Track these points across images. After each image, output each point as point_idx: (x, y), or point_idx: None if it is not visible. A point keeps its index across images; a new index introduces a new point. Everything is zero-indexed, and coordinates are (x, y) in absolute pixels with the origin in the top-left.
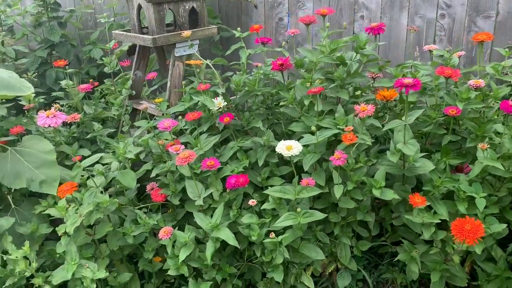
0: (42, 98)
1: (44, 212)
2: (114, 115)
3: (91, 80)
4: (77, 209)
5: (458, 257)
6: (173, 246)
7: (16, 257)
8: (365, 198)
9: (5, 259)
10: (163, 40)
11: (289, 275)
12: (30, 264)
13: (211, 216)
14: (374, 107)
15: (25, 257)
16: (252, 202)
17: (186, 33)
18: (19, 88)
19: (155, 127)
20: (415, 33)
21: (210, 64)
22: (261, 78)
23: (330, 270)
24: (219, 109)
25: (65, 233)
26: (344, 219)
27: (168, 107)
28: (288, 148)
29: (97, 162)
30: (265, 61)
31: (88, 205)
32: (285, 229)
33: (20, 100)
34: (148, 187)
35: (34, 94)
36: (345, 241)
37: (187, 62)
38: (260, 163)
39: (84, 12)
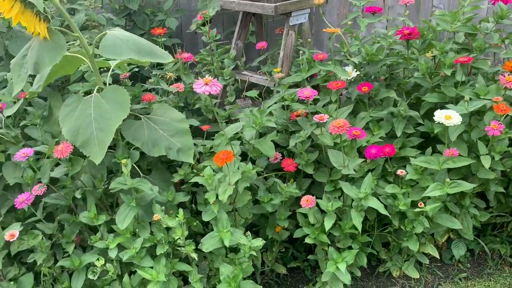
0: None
1: (191, 180)
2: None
3: (179, 49)
4: (221, 177)
5: None
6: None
7: (172, 225)
8: (508, 169)
9: (164, 226)
10: (283, 8)
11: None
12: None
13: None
14: None
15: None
16: (400, 172)
17: (319, 0)
18: (161, 56)
19: (283, 98)
20: None
21: (341, 33)
22: (382, 48)
23: (443, 240)
24: (350, 78)
25: (216, 200)
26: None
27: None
28: (447, 117)
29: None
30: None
31: (236, 174)
32: (423, 199)
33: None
34: (272, 158)
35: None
36: (473, 211)
37: (326, 30)
38: (399, 133)
39: None
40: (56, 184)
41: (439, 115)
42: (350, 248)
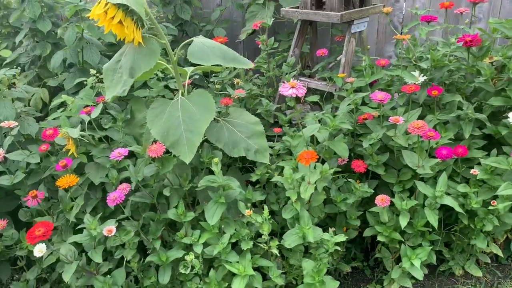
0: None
1: (272, 180)
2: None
3: None
4: (300, 177)
5: None
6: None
7: (259, 221)
8: None
9: (253, 222)
10: (347, 17)
11: None
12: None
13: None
14: None
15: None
16: (474, 171)
17: (387, 8)
18: (243, 62)
19: (353, 102)
20: None
21: (408, 41)
22: (445, 54)
23: (502, 240)
24: (418, 83)
25: (298, 198)
26: None
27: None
28: None
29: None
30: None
31: (314, 173)
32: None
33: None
34: (340, 159)
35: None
36: None
37: (396, 37)
38: (467, 135)
39: None
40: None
41: None
42: (420, 245)
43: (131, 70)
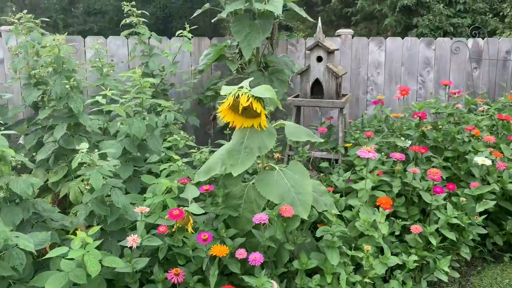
0: None
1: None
2: None
3: None
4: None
5: None
6: None
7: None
8: None
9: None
10: (342, 103)
11: None
12: None
13: None
14: None
15: None
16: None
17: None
18: (316, 137)
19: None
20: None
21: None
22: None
23: None
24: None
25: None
26: None
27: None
28: None
29: None
30: None
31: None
32: None
33: None
34: None
35: None
36: None
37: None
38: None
39: None
40: None
41: None
42: None
43: (259, 149)
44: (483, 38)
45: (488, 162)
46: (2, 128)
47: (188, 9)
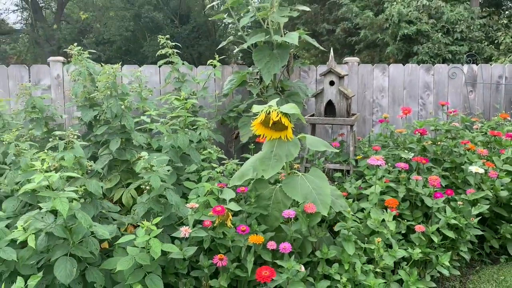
0: None
1: None
2: None
3: None
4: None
5: None
6: None
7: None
8: None
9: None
10: (352, 121)
11: None
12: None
13: None
14: None
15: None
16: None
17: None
18: (332, 147)
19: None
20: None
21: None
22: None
23: None
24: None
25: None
26: None
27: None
28: None
29: None
30: None
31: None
32: None
33: None
34: None
35: None
36: None
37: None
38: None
39: None
40: None
41: None
42: None
43: (287, 156)
44: (477, 64)
45: (481, 171)
46: (76, 140)
47: (194, 39)
